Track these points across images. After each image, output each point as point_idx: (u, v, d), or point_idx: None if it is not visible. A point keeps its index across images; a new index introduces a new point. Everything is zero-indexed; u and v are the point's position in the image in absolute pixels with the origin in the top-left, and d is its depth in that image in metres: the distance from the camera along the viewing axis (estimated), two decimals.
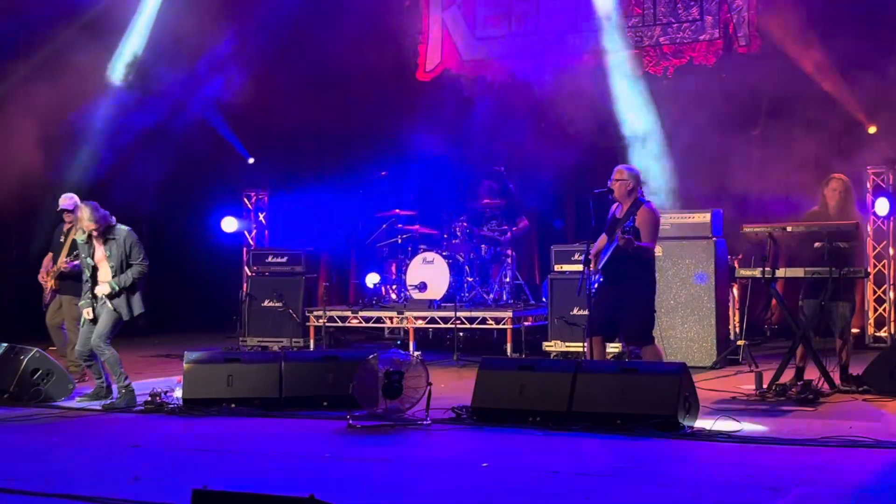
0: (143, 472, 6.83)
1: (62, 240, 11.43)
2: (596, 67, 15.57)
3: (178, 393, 9.42)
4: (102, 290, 9.59)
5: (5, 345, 10.28)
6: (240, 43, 16.21)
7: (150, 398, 9.38)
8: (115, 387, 9.78)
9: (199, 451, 7.63)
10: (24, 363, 9.86)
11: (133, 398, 9.58)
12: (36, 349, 10.16)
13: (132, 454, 7.56)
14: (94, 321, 9.69)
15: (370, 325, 14.23)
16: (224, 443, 7.93)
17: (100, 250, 9.69)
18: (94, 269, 9.70)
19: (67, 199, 11.33)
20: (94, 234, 9.64)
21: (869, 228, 13.60)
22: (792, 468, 6.69)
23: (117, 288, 9.57)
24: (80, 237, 9.78)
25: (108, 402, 9.69)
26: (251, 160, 17.19)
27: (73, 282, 11.02)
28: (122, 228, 9.74)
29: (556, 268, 12.96)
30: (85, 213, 9.58)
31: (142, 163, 15.51)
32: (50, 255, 11.52)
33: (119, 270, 9.62)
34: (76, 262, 10.53)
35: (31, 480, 6.53)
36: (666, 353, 10.43)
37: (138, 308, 9.75)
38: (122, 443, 7.98)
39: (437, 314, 13.51)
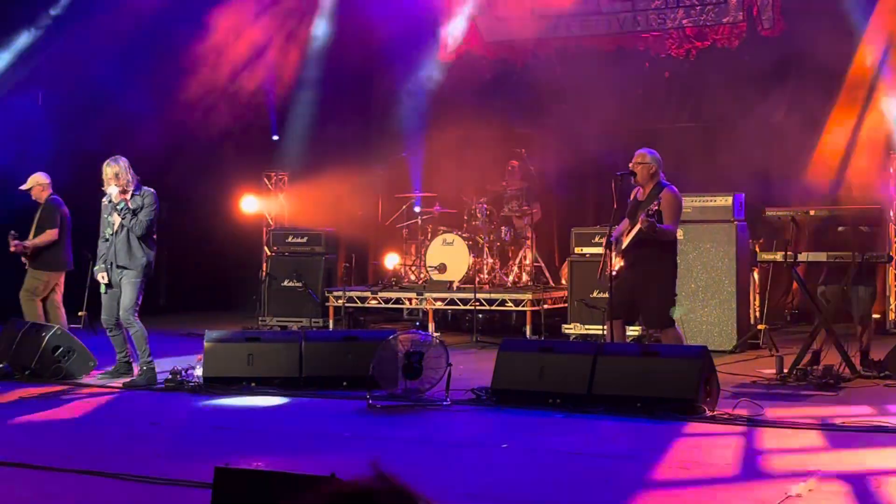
0: (165, 449, 6.87)
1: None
2: (617, 49, 15.53)
3: (199, 371, 9.45)
4: (113, 191, 9.65)
5: (28, 322, 10.33)
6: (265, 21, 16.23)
7: (170, 376, 9.42)
8: (136, 364, 9.82)
9: (219, 430, 7.66)
10: (46, 340, 9.90)
11: (154, 376, 9.62)
12: (57, 326, 10.20)
13: (153, 432, 7.59)
14: (109, 285, 9.73)
15: (389, 306, 14.24)
16: (244, 421, 7.95)
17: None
18: (113, 233, 9.70)
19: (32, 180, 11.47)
20: (126, 190, 9.69)
21: (892, 213, 13.51)
22: (813, 452, 6.68)
23: (128, 206, 9.62)
24: (112, 191, 9.76)
25: (129, 379, 9.73)
26: (275, 137, 17.20)
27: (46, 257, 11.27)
28: (149, 189, 9.83)
29: (576, 250, 12.93)
30: (121, 168, 9.65)
31: (163, 142, 15.55)
32: (13, 233, 11.50)
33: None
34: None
35: (53, 457, 6.57)
36: (686, 336, 10.40)
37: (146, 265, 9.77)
38: (143, 420, 8.01)
39: (456, 296, 13.50)
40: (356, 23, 15.92)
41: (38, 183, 11.39)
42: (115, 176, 9.65)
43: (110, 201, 9.73)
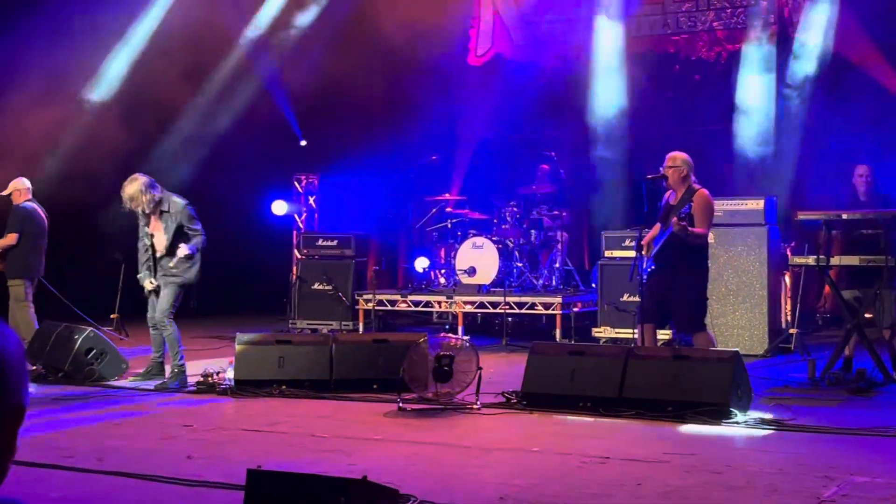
0: (196, 451, 6.90)
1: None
2: (646, 51, 15.49)
3: (230, 374, 9.49)
4: (180, 251, 9.59)
5: (61, 324, 10.41)
6: (292, 27, 16.28)
7: (202, 378, 9.46)
8: (167, 366, 9.87)
9: (250, 432, 7.68)
10: (79, 343, 9.97)
11: (184, 379, 9.67)
12: (90, 329, 10.28)
13: (185, 434, 7.63)
14: (158, 290, 9.81)
15: (419, 309, 14.24)
16: (275, 424, 7.97)
17: (155, 223, 9.77)
18: (152, 244, 9.77)
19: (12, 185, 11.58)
20: (148, 210, 9.70)
21: None
22: (846, 457, 6.63)
23: (192, 252, 9.64)
24: (142, 226, 9.85)
25: (160, 381, 9.78)
26: (303, 142, 17.24)
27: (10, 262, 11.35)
28: (177, 202, 9.79)
29: (607, 253, 12.90)
30: (136, 190, 9.59)
31: (193, 145, 15.65)
32: None
33: (172, 241, 9.68)
34: None
35: (85, 458, 6.62)
36: (717, 340, 10.34)
37: (193, 276, 9.83)
38: (174, 422, 8.05)
39: (486, 299, 13.49)
40: (385, 25, 15.93)
41: (16, 188, 11.50)
42: (131, 199, 9.61)
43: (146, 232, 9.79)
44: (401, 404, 8.37)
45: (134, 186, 9.61)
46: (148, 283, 9.83)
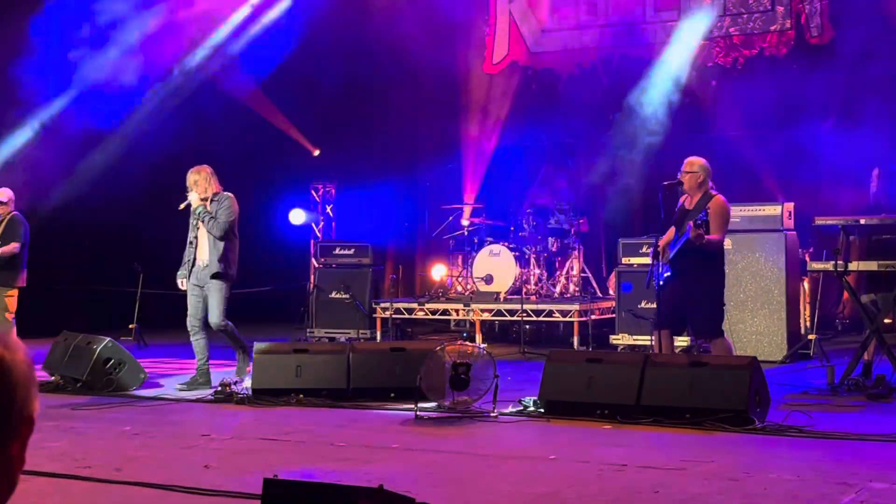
0: (214, 461, 6.91)
1: None
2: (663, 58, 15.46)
3: (248, 383, 9.51)
4: (193, 197, 9.97)
5: (79, 334, 10.45)
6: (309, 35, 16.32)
7: (219, 388, 9.48)
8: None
9: (268, 441, 7.69)
10: (97, 352, 10.00)
11: (208, 379, 9.92)
12: (108, 338, 10.31)
13: (202, 443, 7.64)
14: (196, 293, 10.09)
15: (436, 317, 14.25)
16: (293, 433, 7.98)
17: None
18: (195, 239, 10.06)
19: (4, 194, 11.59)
20: (206, 197, 10.00)
21: None
22: (865, 464, 6.59)
23: (206, 209, 9.93)
24: (192, 197, 10.04)
25: (188, 380, 9.99)
26: (316, 152, 17.27)
27: (3, 272, 11.24)
28: (226, 194, 10.16)
29: (624, 260, 12.88)
30: (201, 176, 10.01)
31: (208, 155, 15.70)
32: None
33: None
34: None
35: (104, 468, 6.63)
36: (735, 346, 10.30)
37: (225, 269, 10.06)
38: (192, 432, 8.06)
39: (503, 307, 13.48)
40: (401, 33, 15.97)
41: (9, 198, 11.53)
42: (195, 183, 10.03)
43: (190, 206, 10.04)
44: (418, 413, 8.37)
45: (201, 173, 10.06)
46: (181, 283, 10.13)
